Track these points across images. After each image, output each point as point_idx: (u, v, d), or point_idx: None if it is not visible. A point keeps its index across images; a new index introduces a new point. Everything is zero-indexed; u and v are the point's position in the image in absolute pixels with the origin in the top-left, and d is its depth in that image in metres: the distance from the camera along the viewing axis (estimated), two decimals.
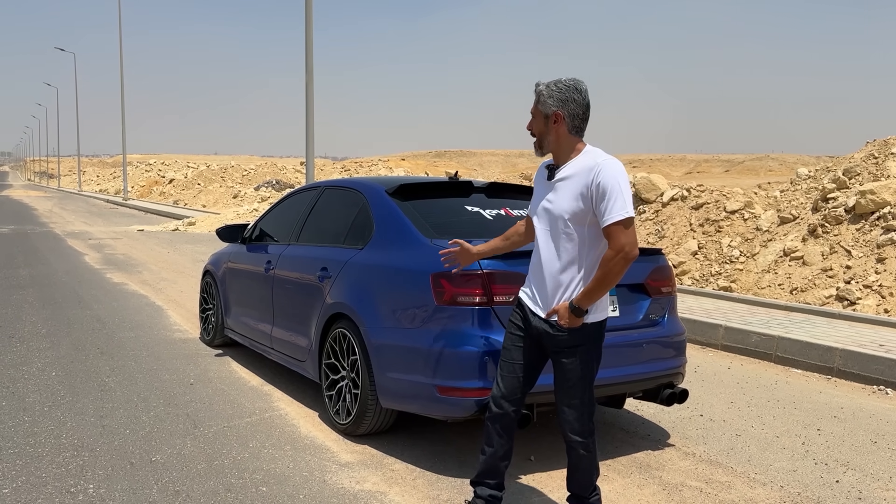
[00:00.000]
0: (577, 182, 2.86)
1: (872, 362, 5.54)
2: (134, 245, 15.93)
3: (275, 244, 5.53)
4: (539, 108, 2.94)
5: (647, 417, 4.68)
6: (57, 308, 8.10)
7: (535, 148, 3.00)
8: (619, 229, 2.76)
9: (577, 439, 2.97)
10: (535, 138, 2.98)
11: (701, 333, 6.81)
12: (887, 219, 8.29)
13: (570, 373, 2.93)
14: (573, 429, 2.97)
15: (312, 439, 4.20)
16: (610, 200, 2.76)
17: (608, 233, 2.78)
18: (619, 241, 2.75)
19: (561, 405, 2.98)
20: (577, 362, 2.92)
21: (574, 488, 3.11)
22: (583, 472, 3.04)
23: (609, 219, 2.76)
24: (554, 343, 2.93)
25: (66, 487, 3.48)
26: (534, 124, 2.97)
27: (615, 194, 2.77)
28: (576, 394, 2.94)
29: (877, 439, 4.36)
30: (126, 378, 5.36)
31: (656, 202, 11.66)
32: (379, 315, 4.00)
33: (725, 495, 3.53)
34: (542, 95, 2.93)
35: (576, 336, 2.89)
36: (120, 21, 36.24)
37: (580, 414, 2.96)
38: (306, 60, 13.86)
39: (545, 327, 2.94)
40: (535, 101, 2.96)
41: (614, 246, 2.76)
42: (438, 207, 4.47)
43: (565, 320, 2.85)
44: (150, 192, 45.88)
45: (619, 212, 2.76)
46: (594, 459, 3.03)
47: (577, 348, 2.91)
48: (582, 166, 2.88)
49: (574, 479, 3.09)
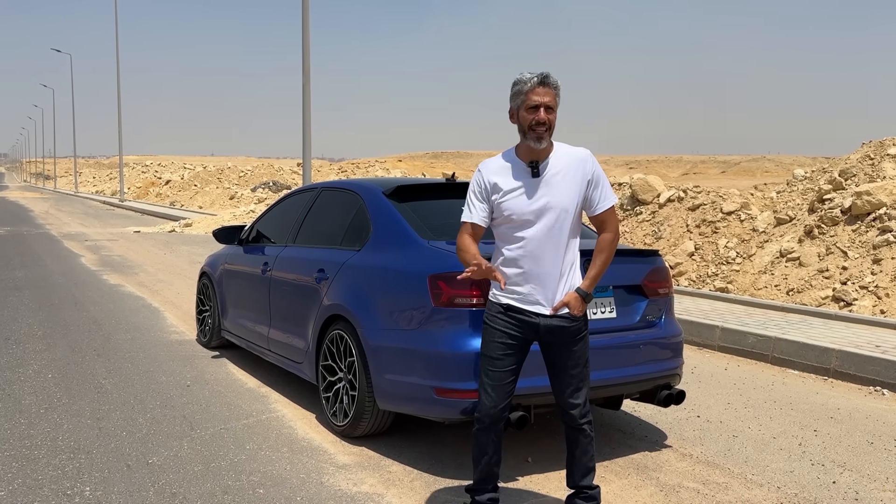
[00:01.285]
0: (574, 173, 2.94)
1: (869, 363, 5.55)
2: (130, 246, 15.90)
3: (272, 246, 5.52)
4: (557, 101, 2.91)
5: (645, 419, 4.68)
6: (53, 310, 8.09)
7: (542, 140, 2.90)
8: (613, 213, 3.01)
9: (586, 421, 3.07)
10: (549, 130, 2.90)
11: (698, 334, 6.82)
12: (883, 220, 8.31)
13: (580, 358, 3.04)
14: (582, 413, 3.06)
15: (310, 441, 4.19)
16: (604, 187, 2.99)
17: (604, 217, 2.99)
18: (615, 224, 3.02)
19: (570, 392, 3.05)
20: (584, 346, 3.05)
21: (578, 479, 3.14)
22: (589, 456, 3.12)
23: (605, 204, 2.99)
24: (567, 334, 2.99)
25: (63, 490, 3.47)
26: (553, 116, 2.90)
27: (605, 181, 3.02)
28: (584, 377, 3.06)
29: (873, 440, 4.37)
30: (122, 380, 5.35)
31: (653, 203, 11.67)
32: (376, 317, 4.00)
33: (723, 496, 3.53)
34: (559, 88, 2.91)
35: (584, 321, 3.04)
36: (116, 22, 36.21)
37: (586, 396, 3.08)
38: (303, 61, 13.86)
39: (558, 322, 2.97)
40: (555, 92, 2.90)
41: (611, 228, 3.00)
42: (435, 209, 4.47)
43: (578, 309, 2.96)
44: (147, 194, 45.83)
45: (611, 197, 3.01)
46: (594, 442, 3.15)
47: (585, 333, 3.04)
48: (571, 158, 2.97)
49: (579, 469, 3.12)
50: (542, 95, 2.89)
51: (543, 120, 2.88)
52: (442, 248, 3.87)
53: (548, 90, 2.90)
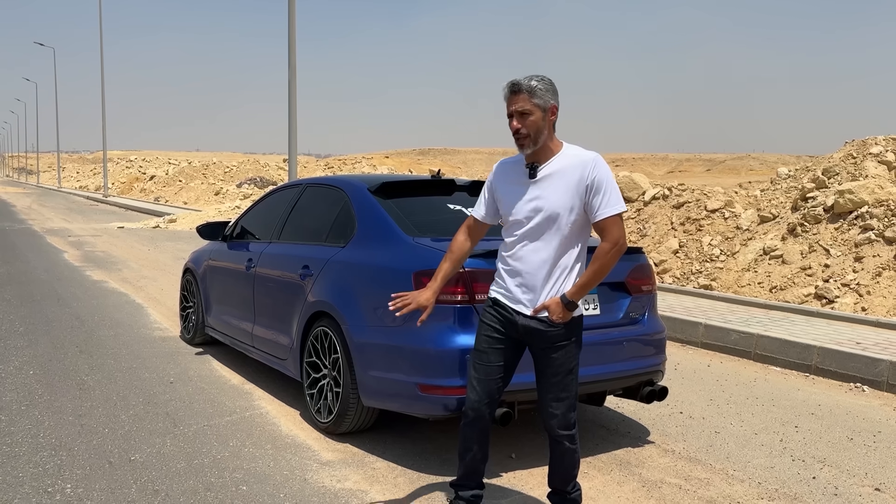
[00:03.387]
0: (571, 176, 2.87)
1: (850, 360, 5.61)
2: (114, 242, 15.78)
3: (256, 242, 5.50)
4: (536, 103, 2.86)
5: (627, 415, 4.71)
6: (35, 306, 8.01)
7: (525, 147, 2.89)
8: (615, 222, 2.85)
9: (565, 433, 2.99)
10: (529, 136, 2.87)
11: (681, 331, 6.86)
12: (865, 218, 8.39)
13: (560, 367, 2.95)
14: (561, 423, 2.98)
15: (293, 438, 4.18)
16: (606, 194, 2.84)
17: (604, 225, 2.85)
18: (615, 234, 2.84)
19: (548, 400, 2.98)
20: (567, 356, 2.95)
21: (556, 483, 3.13)
22: (567, 466, 3.06)
23: (606, 212, 2.84)
24: (545, 339, 2.93)
25: (44, 487, 3.44)
26: (530, 121, 2.86)
27: (611, 188, 2.86)
28: (564, 387, 2.96)
29: (853, 436, 4.41)
30: (105, 377, 5.31)
31: (638, 201, 11.72)
32: (361, 313, 3.99)
33: (704, 492, 3.56)
34: (537, 90, 2.86)
35: (568, 330, 2.93)
36: (100, 16, 35.88)
37: (568, 408, 2.98)
38: (289, 57, 13.79)
39: (535, 325, 2.93)
40: (529, 96, 2.85)
41: (610, 238, 2.84)
42: (421, 205, 4.47)
43: (558, 315, 2.87)
44: (131, 189, 45.47)
45: (615, 205, 2.85)
46: (577, 452, 3.06)
47: (567, 342, 2.94)
48: (572, 160, 2.90)
49: (558, 474, 3.11)
50: (513, 103, 2.88)
51: (516, 129, 2.88)
52: (427, 245, 3.87)
53: (519, 96, 2.87)
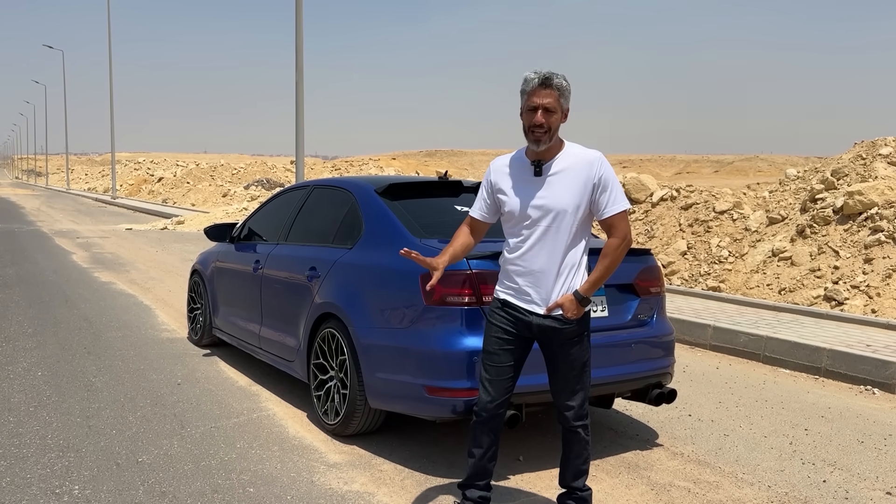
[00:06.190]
0: (577, 175, 2.90)
1: (860, 362, 5.57)
2: (122, 244, 15.84)
3: (263, 243, 5.50)
4: (561, 103, 2.88)
5: (636, 417, 4.68)
6: (43, 307, 8.04)
7: (541, 142, 2.87)
8: (622, 218, 2.93)
9: (580, 423, 3.05)
10: (548, 132, 2.86)
11: (689, 333, 6.83)
12: (875, 219, 8.34)
13: (576, 361, 3.01)
14: (577, 414, 3.04)
15: (300, 440, 4.18)
16: (612, 192, 2.92)
17: (612, 222, 2.92)
18: (623, 230, 2.92)
19: (565, 395, 3.03)
20: (581, 350, 3.02)
21: (569, 480, 3.14)
22: (582, 459, 3.10)
23: (614, 209, 2.91)
24: (560, 336, 2.97)
25: (52, 488, 3.45)
26: (553, 118, 2.86)
27: (616, 186, 2.94)
28: (580, 379, 3.03)
29: (864, 439, 4.38)
30: (113, 378, 5.32)
31: (646, 202, 11.69)
32: (368, 315, 3.99)
33: (713, 495, 3.53)
34: (566, 91, 2.88)
35: (581, 325, 2.99)
36: (109, 18, 36.01)
37: (583, 399, 3.05)
38: (297, 59, 13.81)
39: (550, 323, 2.96)
40: (559, 94, 2.86)
41: (618, 234, 2.92)
42: (428, 207, 4.46)
43: (572, 312, 2.92)
44: (139, 191, 45.65)
45: (621, 202, 2.93)
46: (590, 444, 3.12)
47: (581, 336, 3.00)
48: (577, 159, 2.93)
49: (571, 470, 3.12)
50: (542, 97, 2.86)
51: (540, 122, 2.86)
52: (434, 247, 3.86)
53: (549, 91, 2.86)
